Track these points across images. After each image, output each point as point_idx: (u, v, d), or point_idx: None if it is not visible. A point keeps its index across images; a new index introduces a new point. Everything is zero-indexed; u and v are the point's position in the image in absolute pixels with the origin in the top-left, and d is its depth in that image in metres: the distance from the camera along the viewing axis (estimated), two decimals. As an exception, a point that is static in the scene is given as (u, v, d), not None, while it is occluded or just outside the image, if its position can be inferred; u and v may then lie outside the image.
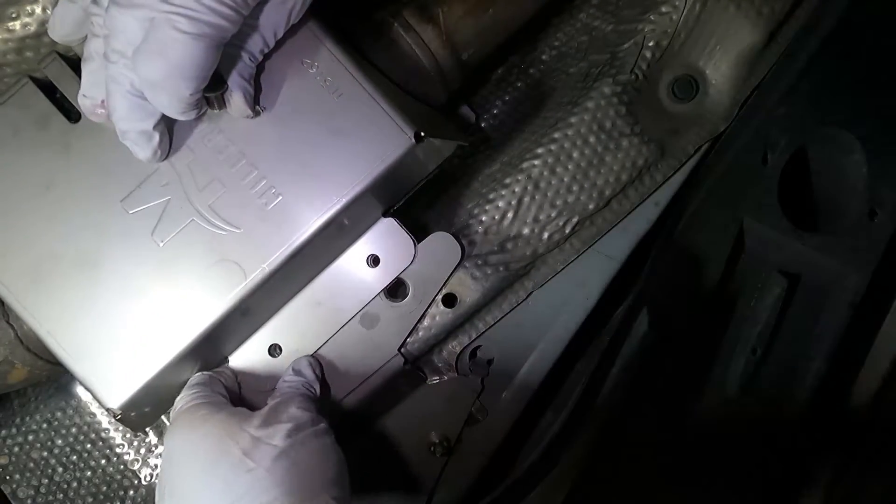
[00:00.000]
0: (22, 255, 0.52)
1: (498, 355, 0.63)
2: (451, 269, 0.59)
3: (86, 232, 0.52)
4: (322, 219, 0.51)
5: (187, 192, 0.52)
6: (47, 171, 0.52)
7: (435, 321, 0.60)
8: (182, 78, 0.42)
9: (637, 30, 0.63)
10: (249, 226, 0.51)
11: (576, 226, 0.62)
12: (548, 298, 0.63)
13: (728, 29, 0.63)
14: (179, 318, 0.51)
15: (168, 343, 0.51)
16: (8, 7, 0.54)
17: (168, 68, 0.42)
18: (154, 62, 0.42)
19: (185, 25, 0.41)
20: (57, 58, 0.53)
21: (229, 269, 0.51)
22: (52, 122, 0.53)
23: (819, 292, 0.69)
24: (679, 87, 0.64)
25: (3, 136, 0.52)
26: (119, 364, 0.51)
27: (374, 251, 0.57)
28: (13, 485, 0.68)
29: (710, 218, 0.65)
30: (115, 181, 0.52)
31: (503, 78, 0.72)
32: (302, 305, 0.57)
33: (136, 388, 0.51)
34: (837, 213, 0.71)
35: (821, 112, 0.67)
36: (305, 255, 0.52)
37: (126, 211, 0.52)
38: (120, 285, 0.52)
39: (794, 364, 0.69)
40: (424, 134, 0.51)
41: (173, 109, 0.45)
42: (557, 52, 0.71)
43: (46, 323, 0.51)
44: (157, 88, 0.43)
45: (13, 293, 0.51)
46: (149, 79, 0.43)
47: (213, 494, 0.45)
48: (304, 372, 0.55)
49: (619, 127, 0.61)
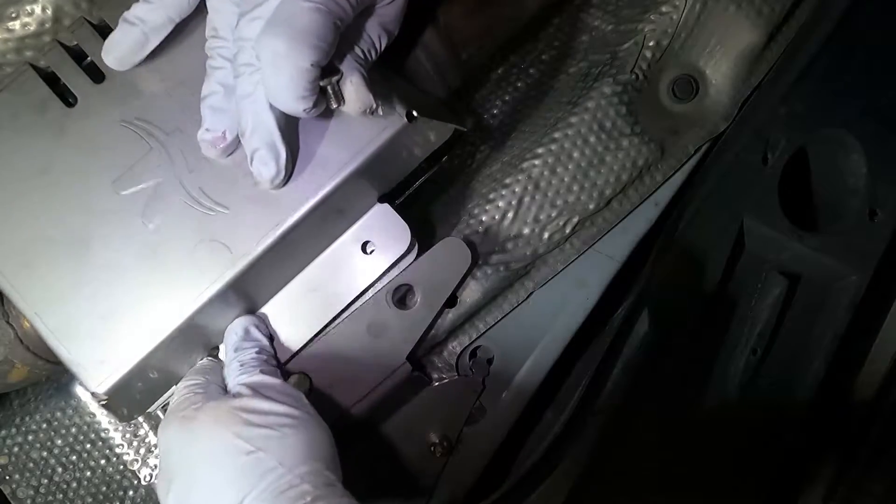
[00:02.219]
0: (13, 238, 0.51)
1: (498, 355, 0.63)
2: (462, 275, 0.58)
3: (76, 214, 0.51)
4: (312, 200, 0.50)
5: (178, 173, 0.51)
6: (42, 154, 0.52)
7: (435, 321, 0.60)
8: (306, 45, 0.43)
9: (637, 30, 0.63)
10: (238, 206, 0.51)
11: (576, 226, 0.62)
12: (548, 298, 0.63)
13: (728, 29, 0.63)
14: (167, 300, 0.51)
15: (156, 326, 0.51)
16: (8, 7, 0.55)
17: (293, 34, 0.43)
18: (279, 31, 0.43)
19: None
20: (57, 45, 0.53)
21: (216, 249, 0.50)
22: (49, 106, 0.52)
23: (819, 292, 0.69)
24: (679, 87, 0.64)
25: (3, 121, 0.52)
26: (107, 347, 0.50)
27: (368, 237, 0.56)
28: (13, 485, 0.68)
29: (710, 218, 0.66)
30: (107, 163, 0.52)
31: (503, 78, 0.71)
32: (295, 292, 0.56)
33: (124, 372, 0.50)
34: (837, 213, 0.71)
35: (821, 112, 0.67)
36: (296, 238, 0.52)
37: (117, 192, 0.52)
38: (109, 267, 0.51)
39: (794, 364, 0.69)
40: (417, 114, 0.50)
41: (293, 88, 0.44)
42: (557, 52, 0.71)
43: (34, 305, 0.51)
44: (281, 60, 0.43)
45: (3, 275, 0.51)
46: (274, 49, 0.43)
47: (215, 481, 0.45)
48: (255, 336, 0.55)
49: (619, 127, 0.61)
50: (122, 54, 0.51)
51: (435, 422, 0.62)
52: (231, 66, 0.48)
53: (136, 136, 0.52)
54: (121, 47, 0.51)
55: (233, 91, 0.48)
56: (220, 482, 0.45)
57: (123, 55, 0.51)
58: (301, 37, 0.43)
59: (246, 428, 0.47)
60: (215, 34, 0.49)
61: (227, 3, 0.48)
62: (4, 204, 0.52)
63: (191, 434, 0.48)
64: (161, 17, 0.50)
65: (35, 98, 0.53)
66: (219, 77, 0.49)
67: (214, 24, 0.49)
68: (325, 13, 0.43)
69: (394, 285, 0.57)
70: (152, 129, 0.52)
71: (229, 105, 0.48)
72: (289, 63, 0.43)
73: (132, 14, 0.50)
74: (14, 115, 0.53)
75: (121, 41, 0.51)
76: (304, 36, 0.43)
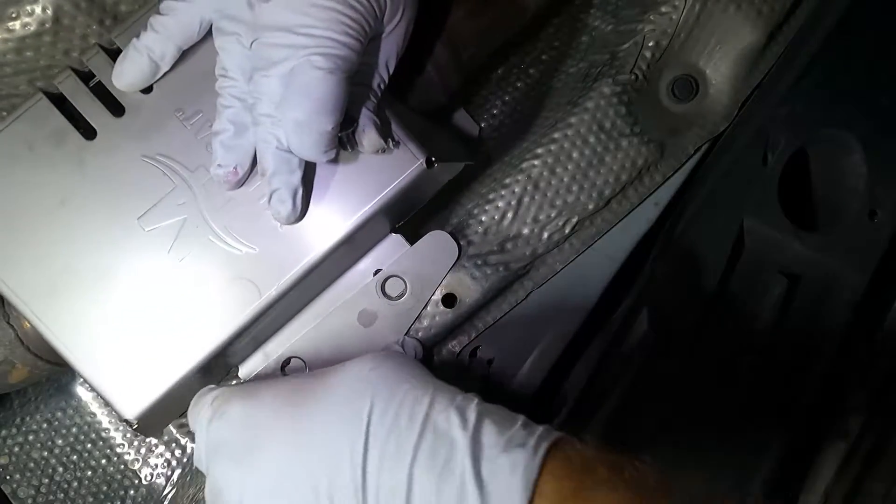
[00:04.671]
0: (38, 269, 0.52)
1: (498, 355, 0.63)
2: (449, 267, 0.60)
3: (102, 248, 0.53)
4: (334, 239, 0.53)
5: (203, 211, 0.53)
6: (62, 187, 0.53)
7: (435, 321, 0.60)
8: (325, 112, 0.46)
9: (637, 30, 0.63)
10: (264, 245, 0.53)
11: (575, 226, 0.62)
12: (548, 298, 0.63)
13: (728, 29, 0.63)
14: (195, 332, 0.52)
15: (184, 357, 0.52)
16: (8, 7, 0.55)
17: (312, 105, 0.45)
18: (300, 103, 0.45)
19: (322, 62, 0.45)
20: (72, 74, 0.53)
21: (245, 287, 0.53)
22: (67, 138, 0.53)
23: (819, 292, 0.69)
24: (679, 87, 0.64)
25: (18, 151, 0.53)
26: (136, 376, 0.52)
27: (380, 266, 0.59)
28: (13, 484, 0.68)
29: (710, 218, 0.65)
30: (131, 199, 0.53)
31: (503, 78, 0.72)
32: (310, 319, 0.58)
33: (153, 400, 0.52)
34: (837, 213, 0.71)
35: (821, 112, 0.67)
36: (317, 273, 0.54)
37: (143, 228, 0.53)
38: (137, 300, 0.52)
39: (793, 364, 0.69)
40: (435, 159, 0.53)
41: (317, 148, 0.47)
42: (557, 52, 0.71)
43: (63, 336, 0.52)
44: (304, 128, 0.46)
45: (29, 306, 0.52)
46: (297, 120, 0.46)
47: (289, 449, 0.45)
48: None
49: (618, 127, 0.61)
50: (131, 81, 0.53)
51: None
52: (240, 105, 0.50)
53: (160, 171, 0.53)
54: (130, 75, 0.52)
55: (242, 129, 0.50)
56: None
57: (132, 82, 0.53)
58: (319, 106, 0.45)
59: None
60: (225, 74, 0.50)
61: (234, 44, 0.49)
62: (26, 236, 0.52)
63: (258, 405, 0.48)
64: (168, 47, 0.52)
65: (51, 129, 0.53)
66: (229, 115, 0.50)
67: (224, 65, 0.50)
68: (339, 74, 0.46)
69: (383, 276, 0.59)
70: (175, 165, 0.53)
71: (239, 142, 0.51)
72: (312, 130, 0.46)
73: (140, 43, 0.51)
74: (30, 146, 0.53)
75: (129, 69, 0.52)
76: (321, 105, 0.45)
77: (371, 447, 0.43)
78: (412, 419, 0.43)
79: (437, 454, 0.42)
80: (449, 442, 0.42)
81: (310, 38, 0.45)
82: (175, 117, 0.53)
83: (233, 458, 0.47)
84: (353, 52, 0.46)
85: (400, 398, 0.45)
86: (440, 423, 0.43)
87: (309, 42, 0.45)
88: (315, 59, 0.45)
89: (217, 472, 0.47)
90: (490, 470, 0.41)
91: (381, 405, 0.44)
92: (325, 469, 0.43)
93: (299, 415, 0.46)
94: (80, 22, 0.56)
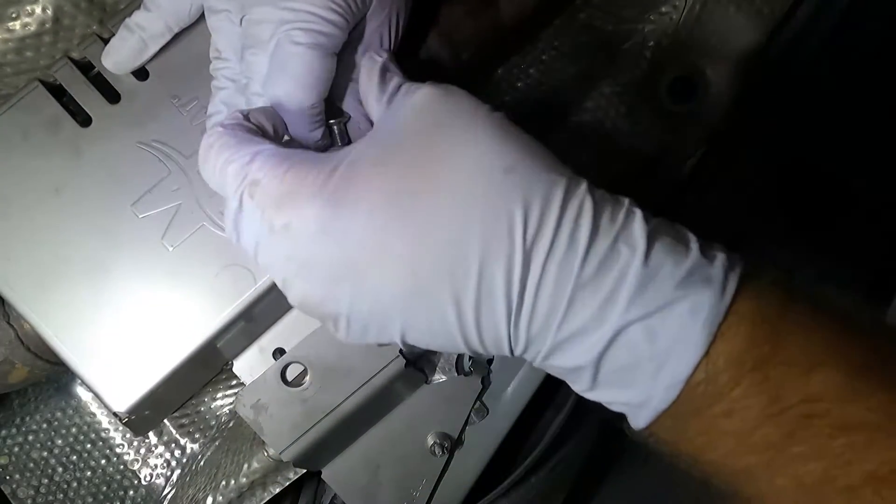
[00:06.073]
0: (30, 258, 0.51)
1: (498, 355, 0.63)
2: None
3: (95, 236, 0.52)
4: None
5: (198, 197, 0.52)
6: (57, 174, 0.52)
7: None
8: (304, 88, 0.45)
9: (637, 30, 0.63)
10: None
11: (576, 225, 0.62)
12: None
13: (728, 29, 0.63)
14: (188, 322, 0.51)
15: (176, 347, 0.51)
16: (8, 7, 0.55)
17: (289, 81, 0.45)
18: (278, 80, 0.45)
19: (301, 37, 0.44)
20: (68, 62, 0.53)
21: (240, 273, 0.51)
22: (62, 125, 0.53)
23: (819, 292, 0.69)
24: (679, 87, 0.64)
25: (13, 139, 0.52)
26: (126, 368, 0.51)
27: None
28: (13, 485, 0.68)
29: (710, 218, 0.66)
30: (125, 186, 0.52)
31: (503, 78, 0.71)
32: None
33: (144, 392, 0.51)
34: (837, 213, 0.71)
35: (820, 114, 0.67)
36: None
37: (136, 215, 0.52)
38: (129, 289, 0.52)
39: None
40: None
41: (300, 125, 0.46)
42: (557, 52, 0.71)
43: (53, 326, 0.51)
44: (283, 105, 0.45)
45: (20, 295, 0.51)
46: (276, 97, 0.45)
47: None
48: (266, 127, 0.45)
49: (618, 127, 0.61)
50: (120, 59, 0.52)
51: (435, 422, 0.62)
52: (234, 87, 0.49)
53: (155, 158, 0.53)
54: (119, 53, 0.52)
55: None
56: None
57: (121, 60, 0.52)
58: (297, 82, 0.45)
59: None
60: (218, 55, 0.50)
61: (225, 22, 0.49)
62: (18, 224, 0.52)
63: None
64: (160, 26, 0.51)
65: (46, 116, 0.53)
66: (223, 97, 0.50)
67: (217, 45, 0.50)
68: (319, 50, 0.45)
69: None
70: (170, 151, 0.53)
71: None
72: (291, 106, 0.45)
73: (132, 21, 0.52)
74: (25, 133, 0.53)
75: (119, 47, 0.52)
76: (300, 81, 0.45)
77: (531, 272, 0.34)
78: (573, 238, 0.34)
79: (602, 286, 0.34)
80: (618, 269, 0.34)
81: (291, 11, 0.44)
82: (171, 104, 0.53)
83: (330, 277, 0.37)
84: (337, 27, 0.45)
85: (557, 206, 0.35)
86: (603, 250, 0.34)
87: (290, 16, 0.44)
88: (294, 34, 0.44)
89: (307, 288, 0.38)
90: (661, 317, 0.33)
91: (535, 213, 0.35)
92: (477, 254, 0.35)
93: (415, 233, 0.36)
94: (80, 22, 0.56)
